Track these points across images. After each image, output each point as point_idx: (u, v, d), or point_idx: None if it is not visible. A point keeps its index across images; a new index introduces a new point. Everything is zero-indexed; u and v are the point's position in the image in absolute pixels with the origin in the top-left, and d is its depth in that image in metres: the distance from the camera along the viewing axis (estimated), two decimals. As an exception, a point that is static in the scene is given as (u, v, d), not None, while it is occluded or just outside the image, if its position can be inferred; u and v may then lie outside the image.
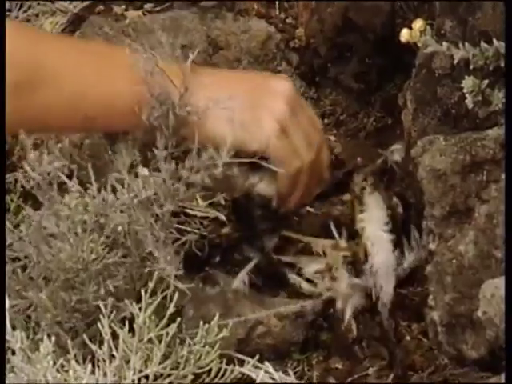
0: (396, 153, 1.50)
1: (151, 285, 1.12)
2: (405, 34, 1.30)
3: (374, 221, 1.42)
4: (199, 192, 1.31)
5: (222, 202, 1.54)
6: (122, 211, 1.21)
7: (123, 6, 1.85)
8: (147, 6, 1.85)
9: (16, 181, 1.53)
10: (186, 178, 1.22)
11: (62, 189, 1.24)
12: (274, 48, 1.76)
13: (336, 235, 1.42)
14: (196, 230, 1.38)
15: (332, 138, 1.69)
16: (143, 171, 1.24)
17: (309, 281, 1.40)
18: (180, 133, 1.23)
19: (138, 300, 1.13)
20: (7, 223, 1.24)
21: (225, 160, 1.18)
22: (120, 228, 1.20)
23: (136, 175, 1.23)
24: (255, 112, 1.28)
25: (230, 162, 1.19)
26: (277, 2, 1.86)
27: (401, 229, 1.40)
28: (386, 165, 1.51)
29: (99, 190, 1.24)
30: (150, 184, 1.21)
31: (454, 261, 1.21)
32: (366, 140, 1.71)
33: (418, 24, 1.30)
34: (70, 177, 1.22)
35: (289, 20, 1.85)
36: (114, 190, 1.23)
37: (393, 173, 1.49)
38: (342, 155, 1.64)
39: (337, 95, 1.76)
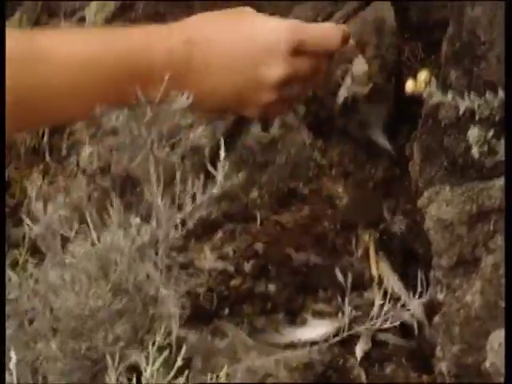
0: (398, 222, 1.51)
1: (158, 338, 1.13)
2: (410, 85, 1.31)
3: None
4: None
5: (230, 254, 1.57)
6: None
7: None
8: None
9: (24, 236, 1.55)
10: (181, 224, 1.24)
11: (65, 237, 1.26)
12: None
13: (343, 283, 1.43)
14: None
15: (340, 188, 1.71)
16: (135, 220, 1.25)
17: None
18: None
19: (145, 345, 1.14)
20: (15, 277, 1.25)
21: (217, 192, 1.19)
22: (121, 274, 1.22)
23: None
24: (252, 77, 1.26)
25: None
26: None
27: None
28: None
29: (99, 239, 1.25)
30: (144, 231, 1.22)
31: (462, 311, 1.22)
32: (374, 190, 1.71)
33: (423, 75, 1.31)
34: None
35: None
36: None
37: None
38: (349, 207, 1.66)
39: (344, 146, 1.76)
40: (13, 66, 1.08)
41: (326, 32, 1.31)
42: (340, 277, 1.41)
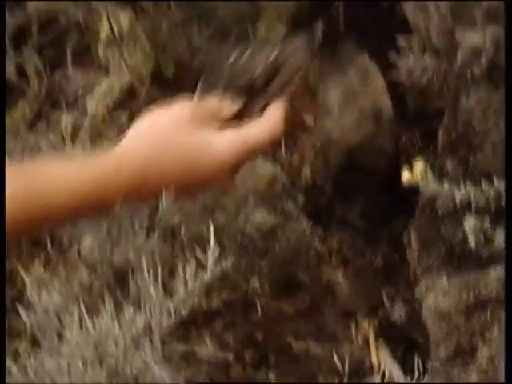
0: (398, 310, 1.53)
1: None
2: (406, 175, 1.34)
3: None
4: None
5: (231, 343, 1.58)
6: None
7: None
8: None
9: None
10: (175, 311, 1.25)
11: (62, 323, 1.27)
12: (279, 188, 1.80)
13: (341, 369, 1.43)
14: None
15: (340, 275, 1.73)
16: (128, 309, 1.27)
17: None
18: None
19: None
20: (15, 368, 1.26)
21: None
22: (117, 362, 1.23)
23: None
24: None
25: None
26: (282, 144, 1.91)
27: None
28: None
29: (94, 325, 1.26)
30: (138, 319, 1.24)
31: (459, 402, 1.23)
32: (374, 277, 1.73)
33: (419, 165, 1.33)
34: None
35: (295, 160, 1.90)
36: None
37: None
38: (349, 294, 1.68)
39: (343, 234, 1.79)
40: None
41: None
42: (338, 365, 1.42)
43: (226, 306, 1.67)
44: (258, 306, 1.69)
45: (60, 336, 1.27)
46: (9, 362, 1.36)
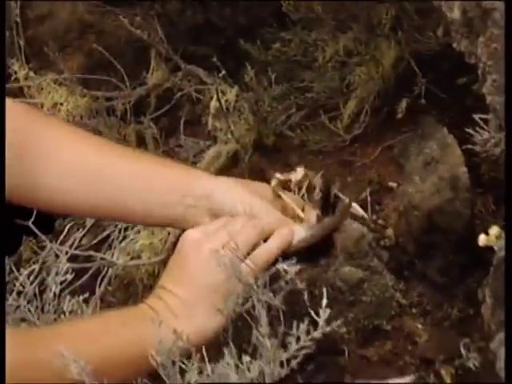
0: (472, 359, 1.52)
1: None
2: (482, 239, 1.35)
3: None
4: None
5: (320, 384, 1.59)
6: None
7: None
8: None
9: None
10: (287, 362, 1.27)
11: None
12: (366, 246, 1.80)
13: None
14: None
15: (420, 326, 1.73)
16: (245, 357, 1.29)
17: None
18: None
19: None
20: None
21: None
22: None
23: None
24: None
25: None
26: (369, 207, 1.94)
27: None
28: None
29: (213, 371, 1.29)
30: (253, 367, 1.26)
31: None
32: (451, 328, 1.72)
33: (494, 230, 1.35)
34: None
35: (380, 221, 1.92)
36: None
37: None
38: (428, 343, 1.68)
39: (423, 288, 1.79)
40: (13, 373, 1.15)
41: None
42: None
43: (317, 350, 1.69)
44: (346, 351, 1.70)
45: (182, 377, 1.29)
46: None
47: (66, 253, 1.96)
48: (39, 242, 2.03)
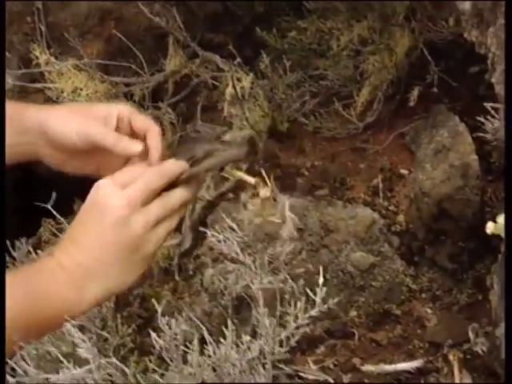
0: (480, 344, 1.52)
1: None
2: (490, 227, 1.34)
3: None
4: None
5: (331, 367, 1.60)
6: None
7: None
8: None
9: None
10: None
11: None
12: (377, 232, 1.81)
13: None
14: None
15: (429, 310, 1.73)
16: (246, 337, 1.29)
17: None
18: None
19: None
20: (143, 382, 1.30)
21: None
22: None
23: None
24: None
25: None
26: (380, 193, 1.93)
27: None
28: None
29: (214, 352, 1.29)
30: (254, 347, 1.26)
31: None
32: (459, 313, 1.72)
33: (502, 219, 1.34)
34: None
35: (391, 207, 1.92)
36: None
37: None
38: (437, 327, 1.68)
39: (433, 273, 1.80)
40: None
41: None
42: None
43: (327, 334, 1.69)
44: (356, 335, 1.70)
45: (185, 358, 1.30)
46: (139, 375, 1.41)
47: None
48: (58, 224, 2.03)
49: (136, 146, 1.25)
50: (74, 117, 1.32)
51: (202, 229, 1.74)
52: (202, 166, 1.22)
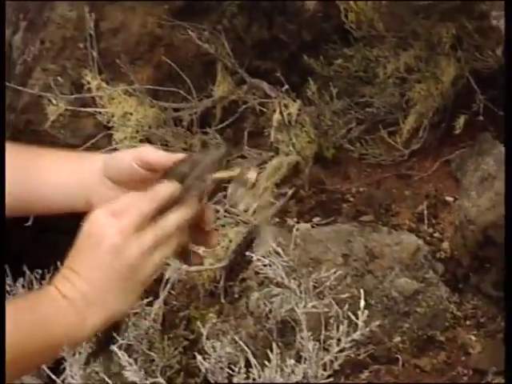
0: None
1: None
2: None
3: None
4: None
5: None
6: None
7: (295, 219, 1.97)
8: (315, 219, 1.97)
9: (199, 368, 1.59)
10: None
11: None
12: (422, 258, 1.82)
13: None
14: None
15: (473, 337, 1.73)
16: (290, 361, 1.30)
17: None
18: None
19: None
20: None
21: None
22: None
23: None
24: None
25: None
26: (425, 220, 1.94)
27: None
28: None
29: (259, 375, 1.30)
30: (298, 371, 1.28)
31: None
32: (504, 341, 1.72)
33: None
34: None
35: (436, 234, 1.93)
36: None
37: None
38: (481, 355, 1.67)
39: (478, 300, 1.80)
40: None
41: None
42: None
43: (372, 359, 1.70)
44: (400, 360, 1.70)
45: (229, 381, 1.31)
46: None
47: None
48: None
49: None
50: (126, 151, 1.38)
51: (247, 253, 1.77)
52: (190, 178, 1.23)
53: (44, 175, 1.41)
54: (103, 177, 1.39)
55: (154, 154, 1.34)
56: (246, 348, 1.42)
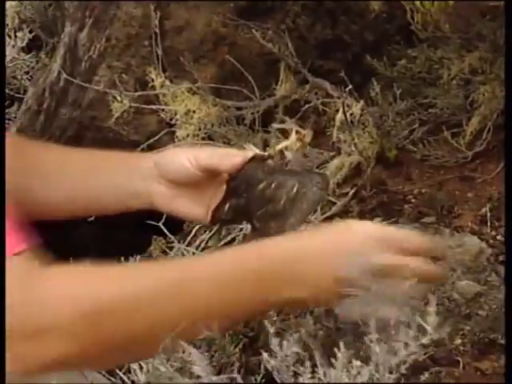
0: None
1: None
2: None
3: None
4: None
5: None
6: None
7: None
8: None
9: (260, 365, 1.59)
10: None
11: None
12: (484, 261, 1.82)
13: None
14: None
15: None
16: (356, 362, 1.29)
17: None
18: None
19: None
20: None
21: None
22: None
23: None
24: None
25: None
26: (488, 223, 1.93)
27: None
28: None
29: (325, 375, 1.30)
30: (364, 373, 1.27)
31: None
32: None
33: None
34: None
35: (499, 237, 1.92)
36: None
37: None
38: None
39: None
40: None
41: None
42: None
43: (432, 361, 1.69)
44: (461, 363, 1.69)
45: (295, 380, 1.31)
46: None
47: (193, 253, 2.02)
48: (168, 243, 2.09)
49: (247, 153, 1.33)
50: (182, 150, 1.42)
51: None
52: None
53: (100, 177, 1.44)
54: (158, 176, 1.42)
55: (209, 160, 1.37)
56: (312, 347, 1.41)
